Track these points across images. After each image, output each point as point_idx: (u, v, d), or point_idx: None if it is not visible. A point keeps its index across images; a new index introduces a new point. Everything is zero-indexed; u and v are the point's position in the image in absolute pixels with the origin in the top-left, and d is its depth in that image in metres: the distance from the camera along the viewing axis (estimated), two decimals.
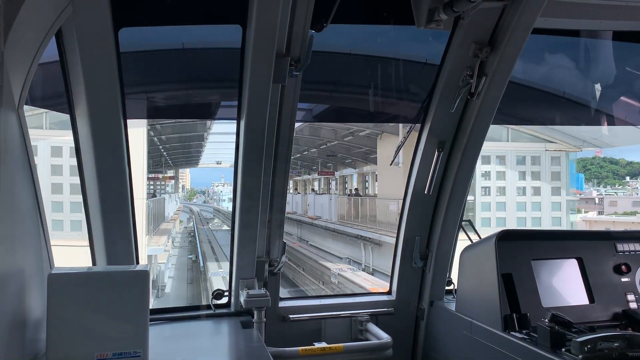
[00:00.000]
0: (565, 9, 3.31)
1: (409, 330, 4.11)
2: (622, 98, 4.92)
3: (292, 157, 3.61)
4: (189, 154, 38.55)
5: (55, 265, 2.71)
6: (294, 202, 40.01)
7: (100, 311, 2.34)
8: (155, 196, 33.10)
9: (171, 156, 36.27)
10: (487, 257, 3.19)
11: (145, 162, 21.01)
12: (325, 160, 40.45)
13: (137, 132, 17.22)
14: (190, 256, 33.97)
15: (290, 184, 57.32)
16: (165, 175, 39.41)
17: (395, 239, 4.20)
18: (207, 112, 5.63)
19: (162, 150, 32.10)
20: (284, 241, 3.77)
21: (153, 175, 38.10)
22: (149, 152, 30.04)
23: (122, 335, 2.35)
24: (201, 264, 27.96)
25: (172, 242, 32.08)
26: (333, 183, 46.98)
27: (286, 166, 3.55)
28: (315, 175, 47.52)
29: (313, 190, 46.47)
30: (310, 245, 32.43)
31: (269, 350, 2.82)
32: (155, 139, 26.30)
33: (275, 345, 3.40)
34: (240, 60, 3.05)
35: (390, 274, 4.26)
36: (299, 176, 50.98)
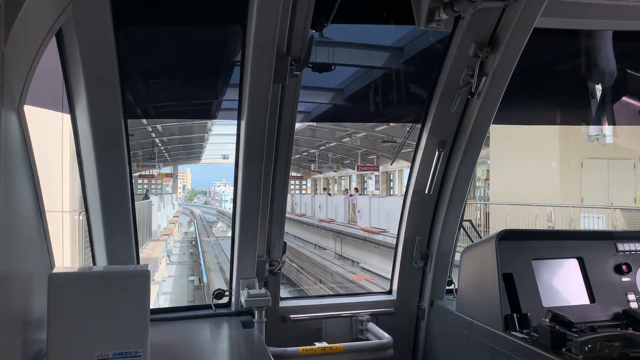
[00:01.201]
0: (565, 8, 3.31)
1: (410, 330, 4.11)
2: None
3: (323, 147, 3.61)
4: (190, 143, 32.78)
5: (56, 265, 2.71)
6: (330, 205, 31.06)
7: (100, 311, 2.33)
8: (148, 197, 26.65)
9: (166, 145, 30.42)
10: (488, 257, 3.19)
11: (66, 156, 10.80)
12: (367, 151, 31.70)
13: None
14: (192, 278, 25.13)
15: (308, 182, 52.75)
16: (162, 173, 34.90)
17: (395, 239, 4.21)
18: (208, 112, 5.64)
19: (154, 135, 26.15)
20: (284, 241, 3.78)
21: (146, 172, 32.11)
22: (134, 136, 22.57)
23: (122, 335, 2.35)
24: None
25: (168, 257, 25.64)
26: (370, 182, 38.22)
27: (286, 166, 3.56)
28: (348, 172, 37.92)
29: (356, 190, 36.50)
30: (364, 269, 23.33)
31: (269, 350, 2.82)
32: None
33: (276, 345, 3.41)
34: (240, 60, 3.06)
35: (390, 274, 4.27)
36: (320, 173, 42.06)
